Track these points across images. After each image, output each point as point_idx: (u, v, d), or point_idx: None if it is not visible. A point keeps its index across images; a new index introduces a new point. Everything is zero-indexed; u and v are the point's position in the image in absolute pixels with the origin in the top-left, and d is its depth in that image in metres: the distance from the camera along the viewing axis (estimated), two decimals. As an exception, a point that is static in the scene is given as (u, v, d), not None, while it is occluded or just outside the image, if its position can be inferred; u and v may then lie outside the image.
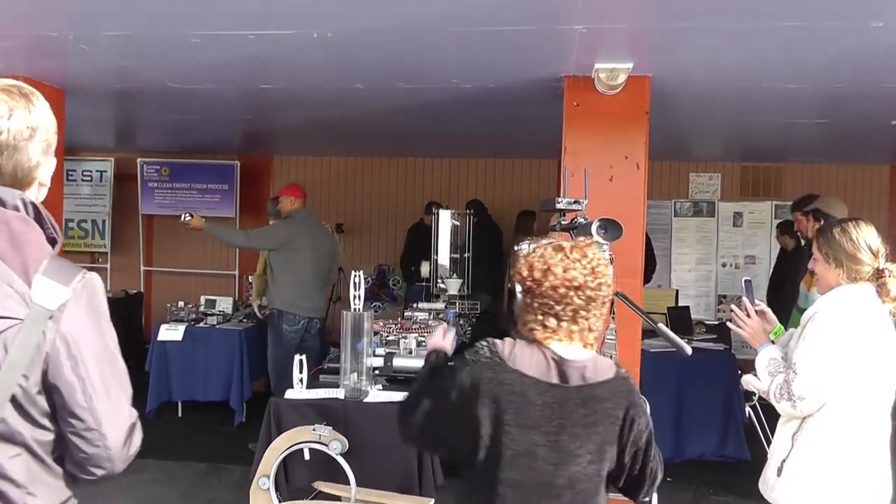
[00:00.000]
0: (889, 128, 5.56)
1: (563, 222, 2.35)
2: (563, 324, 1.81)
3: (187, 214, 5.47)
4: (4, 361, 1.39)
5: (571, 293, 1.80)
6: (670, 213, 8.15)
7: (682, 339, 5.58)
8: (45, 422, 1.47)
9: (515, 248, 1.97)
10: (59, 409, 1.47)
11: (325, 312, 6.09)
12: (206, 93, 4.82)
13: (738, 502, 4.81)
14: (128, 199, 8.47)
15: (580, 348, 1.85)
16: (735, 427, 5.38)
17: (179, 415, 6.48)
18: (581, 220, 2.29)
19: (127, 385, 1.57)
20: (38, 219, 1.49)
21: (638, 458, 1.88)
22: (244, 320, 6.71)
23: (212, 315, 6.62)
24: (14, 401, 1.42)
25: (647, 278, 6.62)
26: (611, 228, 2.16)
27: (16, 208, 1.47)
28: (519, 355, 1.82)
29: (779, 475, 2.52)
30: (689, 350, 2.21)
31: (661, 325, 2.19)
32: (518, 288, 1.88)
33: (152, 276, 8.78)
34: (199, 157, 8.27)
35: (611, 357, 2.23)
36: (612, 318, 2.26)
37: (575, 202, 2.31)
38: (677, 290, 6.45)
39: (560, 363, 1.81)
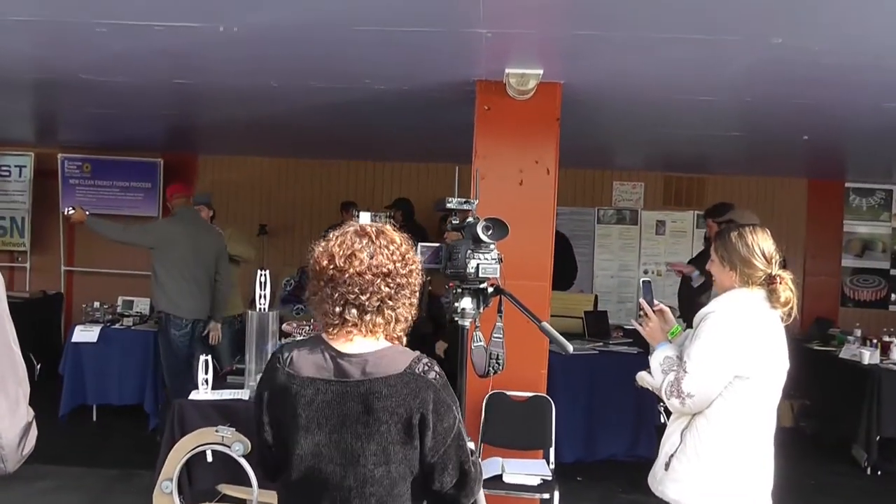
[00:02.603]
0: (802, 142, 5.75)
1: (453, 222, 2.37)
2: (367, 316, 1.71)
3: (70, 208, 5.40)
4: None
5: (379, 280, 1.71)
6: (593, 220, 8.25)
7: (598, 342, 5.71)
8: None
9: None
10: None
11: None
12: (120, 86, 4.69)
13: (644, 500, 4.85)
14: (48, 195, 8.16)
15: (371, 342, 1.74)
16: (647, 428, 5.49)
17: (94, 419, 6.28)
18: (471, 219, 2.31)
19: (25, 382, 1.51)
20: None
21: (450, 458, 1.73)
22: (161, 322, 6.55)
23: (128, 316, 6.47)
24: None
25: (569, 283, 6.72)
26: (496, 228, 2.18)
27: None
28: (296, 357, 1.75)
29: (666, 469, 2.59)
30: (570, 348, 2.25)
31: (544, 324, 2.21)
32: (315, 278, 1.77)
33: (73, 277, 8.49)
34: (121, 154, 8.04)
35: (497, 357, 2.24)
36: (500, 316, 2.27)
37: (465, 202, 2.33)
38: (596, 296, 6.57)
39: (337, 358, 1.72)
